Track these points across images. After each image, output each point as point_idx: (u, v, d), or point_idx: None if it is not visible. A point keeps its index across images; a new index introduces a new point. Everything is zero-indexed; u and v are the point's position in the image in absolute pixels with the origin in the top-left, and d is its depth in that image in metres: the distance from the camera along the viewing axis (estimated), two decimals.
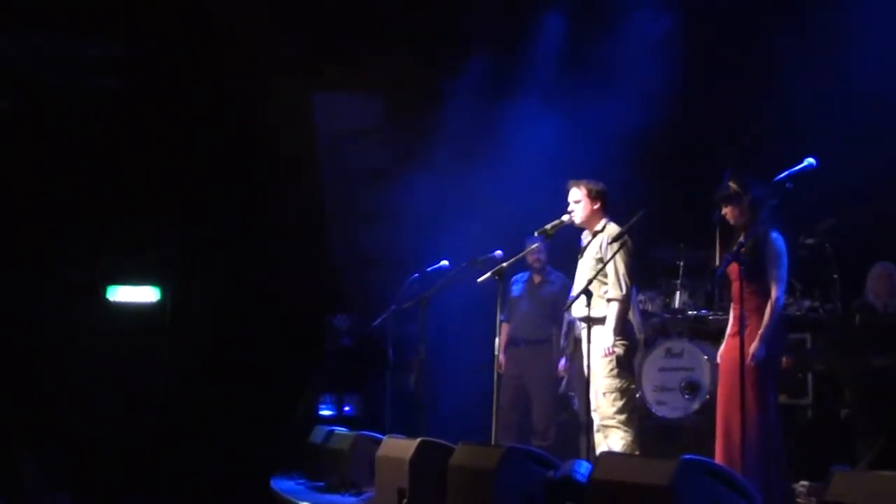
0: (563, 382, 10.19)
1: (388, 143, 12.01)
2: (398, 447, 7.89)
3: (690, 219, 9.74)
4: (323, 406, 11.48)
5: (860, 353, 9.01)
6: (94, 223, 12.61)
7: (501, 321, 10.18)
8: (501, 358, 10.14)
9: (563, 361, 10.13)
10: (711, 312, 10.20)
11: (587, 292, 7.29)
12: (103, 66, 12.51)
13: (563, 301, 10.18)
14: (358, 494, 8.37)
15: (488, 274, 8.52)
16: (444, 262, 9.66)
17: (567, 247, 8.80)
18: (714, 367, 9.74)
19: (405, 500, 7.53)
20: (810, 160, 6.55)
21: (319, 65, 11.64)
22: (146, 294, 13.32)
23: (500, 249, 9.54)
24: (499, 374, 10.01)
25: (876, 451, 8.67)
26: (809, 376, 9.52)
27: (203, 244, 12.63)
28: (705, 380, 9.72)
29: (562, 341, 10.17)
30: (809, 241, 9.30)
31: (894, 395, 8.81)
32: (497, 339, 8.43)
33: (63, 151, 12.64)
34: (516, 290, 10.28)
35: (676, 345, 9.90)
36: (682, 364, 9.84)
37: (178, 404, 12.24)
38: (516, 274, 10.24)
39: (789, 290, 8.81)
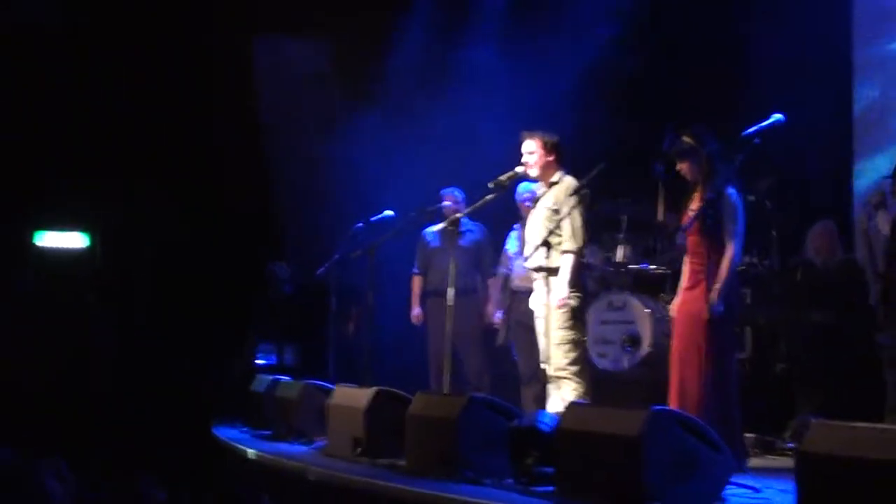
0: (500, 334, 10.19)
1: (332, 89, 11.83)
2: (352, 396, 7.89)
3: (633, 172, 9.78)
4: (262, 355, 11.40)
5: (801, 309, 9.17)
6: (21, 164, 12.28)
7: (414, 273, 10.21)
8: (416, 311, 10.17)
9: (498, 313, 10.14)
10: (653, 266, 10.31)
11: (546, 244, 7.31)
12: (35, 4, 12.17)
13: (486, 249, 10.21)
14: (308, 443, 8.34)
15: (443, 224, 8.54)
16: (389, 212, 9.63)
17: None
18: (656, 320, 9.89)
19: (360, 449, 7.55)
20: (778, 116, 6.63)
21: (263, 6, 11.47)
22: (74, 240, 13.07)
23: (448, 200, 9.58)
24: (424, 325, 10.09)
25: (814, 406, 8.87)
26: (748, 330, 9.66)
27: (135, 189, 12.35)
28: (646, 333, 9.82)
29: (495, 293, 10.18)
30: (750, 198, 9.39)
31: (832, 350, 9.01)
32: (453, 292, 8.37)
33: None
34: (433, 241, 10.23)
35: (618, 298, 9.97)
36: (623, 317, 9.92)
37: (109, 352, 12.04)
38: (426, 226, 10.20)
39: None
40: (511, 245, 9.84)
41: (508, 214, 9.61)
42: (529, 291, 8.94)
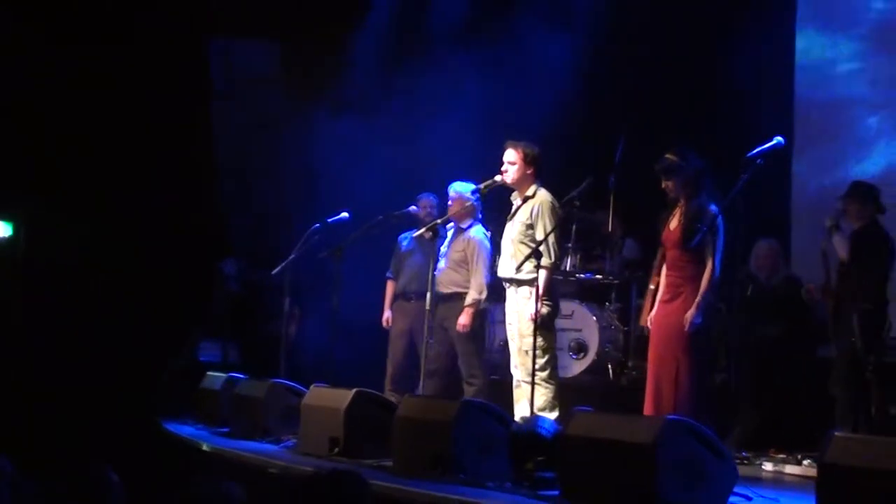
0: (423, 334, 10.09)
1: (285, 92, 11.75)
2: (329, 396, 7.93)
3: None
4: (204, 352, 11.28)
5: (745, 322, 9.46)
6: None
7: (388, 278, 10.23)
8: (387, 314, 10.15)
9: None
10: (600, 276, 10.55)
11: (537, 254, 7.48)
12: None
13: None
14: (277, 442, 8.32)
15: (423, 230, 8.66)
16: (345, 214, 9.67)
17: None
18: (601, 329, 10.17)
19: (337, 449, 7.59)
20: (779, 138, 6.92)
21: (216, 7, 11.36)
22: None
23: (415, 205, 9.67)
24: (388, 329, 10.12)
25: (757, 417, 9.21)
26: None
27: (62, 177, 11.98)
28: (592, 341, 10.10)
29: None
30: None
31: (774, 363, 9.34)
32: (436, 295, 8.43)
33: None
34: (406, 245, 10.26)
35: (566, 306, 10.14)
36: (571, 325, 10.15)
37: (37, 345, 11.69)
38: (404, 231, 10.24)
39: None
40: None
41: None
42: (448, 295, 9.15)
